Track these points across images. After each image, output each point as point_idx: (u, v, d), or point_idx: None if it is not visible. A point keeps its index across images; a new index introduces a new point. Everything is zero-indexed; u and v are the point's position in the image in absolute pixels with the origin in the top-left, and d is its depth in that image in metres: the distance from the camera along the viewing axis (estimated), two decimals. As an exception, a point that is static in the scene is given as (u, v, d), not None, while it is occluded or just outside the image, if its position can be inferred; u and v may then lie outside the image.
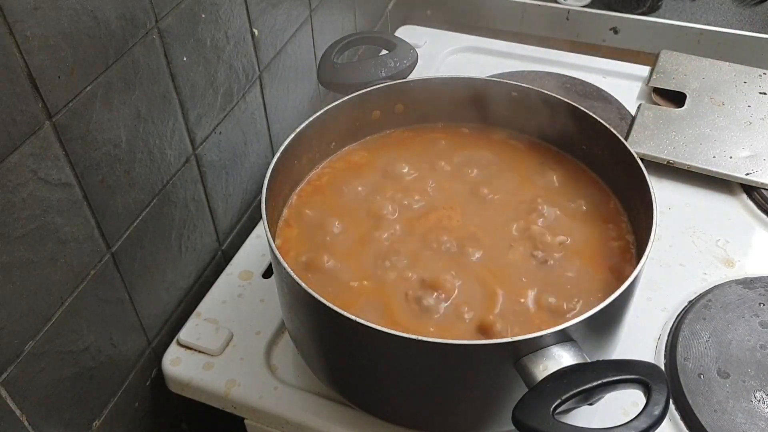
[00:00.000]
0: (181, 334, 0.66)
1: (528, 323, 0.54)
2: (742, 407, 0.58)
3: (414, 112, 0.71)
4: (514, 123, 0.70)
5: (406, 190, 0.65)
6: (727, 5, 1.10)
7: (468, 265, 0.58)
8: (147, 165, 0.58)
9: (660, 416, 0.42)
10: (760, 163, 0.79)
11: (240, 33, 0.68)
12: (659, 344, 0.64)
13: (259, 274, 0.71)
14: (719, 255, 0.72)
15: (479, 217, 0.62)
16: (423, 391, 0.53)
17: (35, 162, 0.46)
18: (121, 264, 0.58)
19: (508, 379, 0.48)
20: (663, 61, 0.94)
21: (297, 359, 0.63)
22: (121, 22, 0.51)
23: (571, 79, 0.94)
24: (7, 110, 0.43)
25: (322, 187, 0.66)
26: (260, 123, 0.77)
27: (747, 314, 0.65)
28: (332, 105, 0.65)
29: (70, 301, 0.52)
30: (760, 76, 0.91)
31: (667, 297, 0.68)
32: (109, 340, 0.58)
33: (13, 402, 0.49)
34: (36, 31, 0.44)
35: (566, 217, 0.62)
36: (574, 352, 0.46)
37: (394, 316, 0.55)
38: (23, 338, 0.49)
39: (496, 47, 1.03)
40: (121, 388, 0.62)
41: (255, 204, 0.79)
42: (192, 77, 0.62)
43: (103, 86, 0.51)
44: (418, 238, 0.60)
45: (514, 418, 0.43)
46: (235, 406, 0.62)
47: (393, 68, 0.71)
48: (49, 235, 0.49)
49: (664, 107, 0.87)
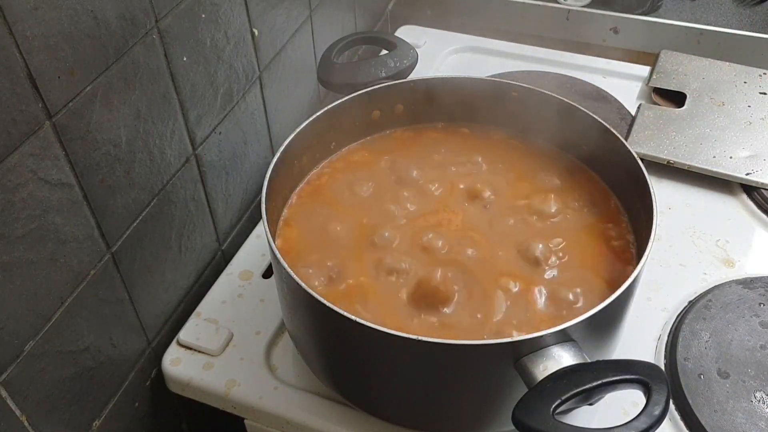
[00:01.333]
0: (181, 334, 0.66)
1: (528, 323, 0.54)
2: (742, 407, 0.58)
3: (414, 112, 0.71)
4: (514, 123, 0.70)
5: (406, 191, 0.65)
6: (727, 5, 1.10)
7: (468, 265, 0.58)
8: (147, 165, 0.58)
9: (660, 416, 0.42)
10: (760, 163, 0.78)
11: (240, 33, 0.68)
12: (659, 344, 0.64)
13: (259, 274, 0.71)
14: (719, 255, 0.72)
15: (479, 218, 0.62)
16: (423, 391, 0.53)
17: (35, 162, 0.46)
18: (121, 264, 0.58)
19: (508, 379, 0.48)
20: (663, 61, 0.94)
21: (297, 359, 0.63)
22: (121, 22, 0.51)
23: (571, 79, 0.94)
24: (7, 110, 0.43)
25: (322, 187, 0.66)
26: (260, 123, 0.77)
27: (747, 314, 0.65)
28: (332, 105, 0.65)
29: (70, 301, 0.52)
30: (760, 76, 0.91)
31: (667, 297, 0.68)
32: (109, 340, 0.58)
33: (13, 402, 0.49)
34: (36, 31, 0.44)
35: (566, 216, 0.62)
36: (574, 352, 0.46)
37: (393, 316, 0.55)
38: (23, 338, 0.49)
39: (496, 47, 1.03)
40: (121, 388, 0.62)
41: (255, 204, 0.79)
42: (192, 77, 0.62)
43: (103, 86, 0.51)
44: (418, 238, 0.60)
45: (514, 418, 0.43)
46: (235, 406, 0.62)
47: (393, 68, 0.71)
48: (49, 235, 0.49)
49: (664, 107, 0.87)
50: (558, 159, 0.68)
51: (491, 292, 0.56)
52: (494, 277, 0.57)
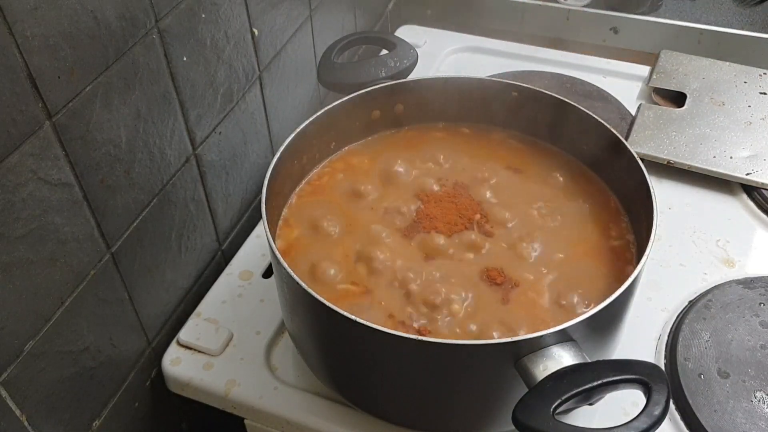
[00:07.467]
0: (181, 334, 0.66)
1: (528, 323, 0.54)
2: (742, 407, 0.58)
3: (414, 112, 0.71)
4: (514, 123, 0.70)
5: (406, 191, 0.65)
6: (727, 5, 1.10)
7: (467, 266, 0.58)
8: (147, 165, 0.58)
9: (660, 416, 0.42)
10: (760, 163, 0.78)
11: (240, 33, 0.68)
12: (659, 344, 0.64)
13: (259, 274, 0.71)
14: (719, 255, 0.72)
15: (479, 218, 0.62)
16: (423, 391, 0.53)
17: (35, 162, 0.46)
18: (121, 264, 0.58)
19: (508, 379, 0.48)
20: (663, 61, 0.94)
21: (297, 359, 0.63)
22: (121, 22, 0.51)
23: (571, 79, 0.94)
24: (7, 110, 0.43)
25: (322, 187, 0.66)
26: (260, 123, 0.77)
27: (747, 314, 0.65)
28: (332, 105, 0.65)
29: (70, 301, 0.52)
30: (760, 76, 0.91)
31: (668, 297, 0.68)
32: (109, 340, 0.58)
33: (13, 402, 0.49)
34: (36, 31, 0.44)
35: (567, 216, 0.62)
36: (575, 352, 0.46)
37: (392, 316, 0.55)
38: (23, 338, 0.49)
39: (496, 47, 1.03)
40: (120, 388, 0.62)
41: (255, 204, 0.79)
42: (192, 77, 0.62)
43: (103, 86, 0.51)
44: (418, 238, 0.60)
45: (514, 418, 0.43)
46: (235, 406, 0.62)
47: (393, 68, 0.71)
48: (49, 235, 0.49)
49: (664, 107, 0.87)
50: (558, 159, 0.68)
51: (491, 293, 0.56)
52: (493, 278, 0.57)
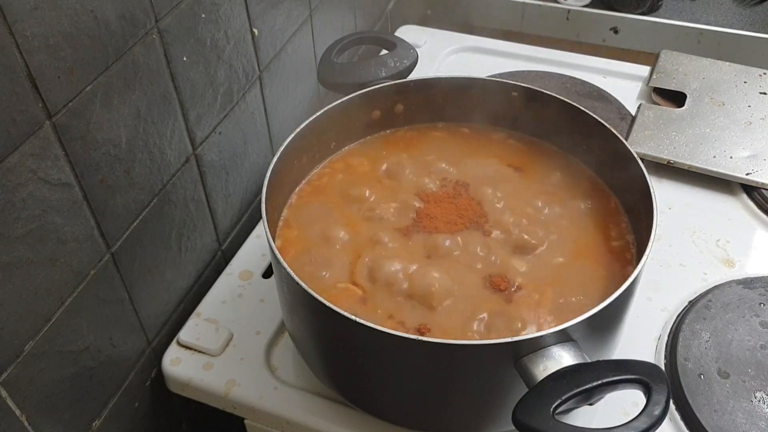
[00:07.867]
0: (181, 334, 0.66)
1: (528, 322, 0.54)
2: (742, 407, 0.58)
3: (414, 112, 0.71)
4: (514, 123, 0.70)
5: (406, 191, 0.65)
6: (727, 5, 1.10)
7: (468, 265, 0.58)
8: (147, 165, 0.58)
9: (660, 416, 0.42)
10: (760, 163, 0.78)
11: (240, 33, 0.68)
12: (659, 344, 0.64)
13: (259, 274, 0.71)
14: (719, 255, 0.72)
15: (479, 218, 0.62)
16: (423, 391, 0.53)
17: (35, 162, 0.46)
18: (121, 264, 0.58)
19: (508, 379, 0.48)
20: (663, 61, 0.94)
21: (297, 359, 0.63)
22: (121, 22, 0.51)
23: (571, 79, 0.94)
24: (7, 110, 0.43)
25: (322, 187, 0.66)
26: (260, 123, 0.77)
27: (747, 314, 0.65)
28: (332, 105, 0.65)
29: (70, 301, 0.52)
30: (760, 76, 0.91)
31: (668, 297, 0.68)
32: (109, 340, 0.58)
33: (13, 402, 0.49)
34: (36, 31, 0.44)
35: (567, 217, 0.62)
36: (575, 352, 0.46)
37: (392, 316, 0.55)
38: (23, 338, 0.49)
39: (496, 47, 1.03)
40: (120, 388, 0.62)
41: (255, 204, 0.79)
42: (192, 77, 0.61)
43: (103, 86, 0.51)
44: (418, 238, 0.60)
45: (514, 418, 0.43)
46: (235, 406, 0.62)
47: (393, 68, 0.71)
48: (49, 235, 0.49)
49: (664, 107, 0.87)
50: (558, 159, 0.68)
51: (491, 293, 0.56)
52: (494, 278, 0.57)
